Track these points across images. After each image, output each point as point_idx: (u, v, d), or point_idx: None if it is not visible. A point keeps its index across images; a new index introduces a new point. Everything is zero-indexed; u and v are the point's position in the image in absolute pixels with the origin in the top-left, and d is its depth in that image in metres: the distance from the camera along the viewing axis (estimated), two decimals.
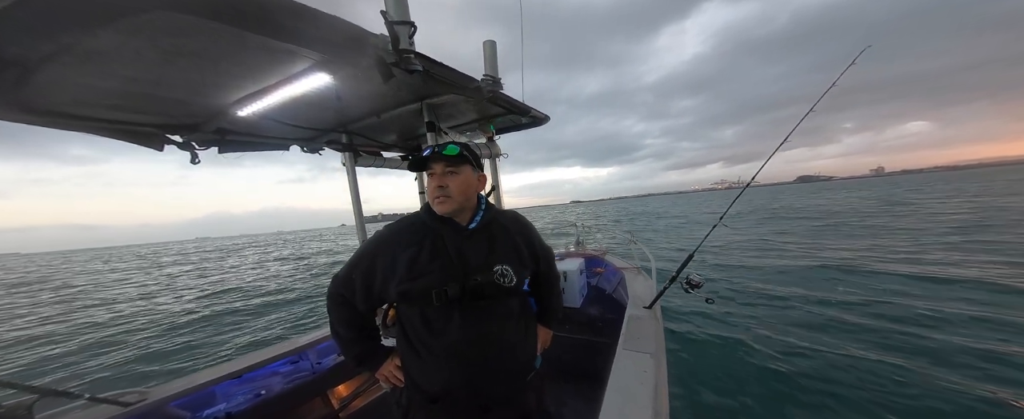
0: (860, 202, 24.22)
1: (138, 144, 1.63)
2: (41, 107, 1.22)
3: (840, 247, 8.92)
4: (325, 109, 1.73)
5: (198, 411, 1.79)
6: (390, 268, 1.07)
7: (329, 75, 1.28)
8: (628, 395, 1.18)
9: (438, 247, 1.08)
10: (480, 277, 1.06)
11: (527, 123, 2.39)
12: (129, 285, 14.64)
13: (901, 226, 11.65)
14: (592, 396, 1.20)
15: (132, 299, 10.89)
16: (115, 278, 18.35)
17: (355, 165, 2.30)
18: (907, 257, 7.18)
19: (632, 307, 2.08)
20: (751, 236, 12.16)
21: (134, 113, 1.44)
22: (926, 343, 3.57)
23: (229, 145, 1.89)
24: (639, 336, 1.65)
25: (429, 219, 1.12)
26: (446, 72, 1.37)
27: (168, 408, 1.66)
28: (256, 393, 1.99)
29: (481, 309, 1.07)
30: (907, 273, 6.02)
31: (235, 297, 9.74)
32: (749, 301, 5.37)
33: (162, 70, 1.11)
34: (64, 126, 1.36)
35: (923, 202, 20.64)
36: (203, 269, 19.13)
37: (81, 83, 1.11)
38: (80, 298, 12.07)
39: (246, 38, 0.96)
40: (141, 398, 1.57)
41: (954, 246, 7.79)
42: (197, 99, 1.40)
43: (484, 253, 1.11)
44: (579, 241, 4.41)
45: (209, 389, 1.83)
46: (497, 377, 1.09)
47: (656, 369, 1.35)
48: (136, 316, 8.28)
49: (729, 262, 8.04)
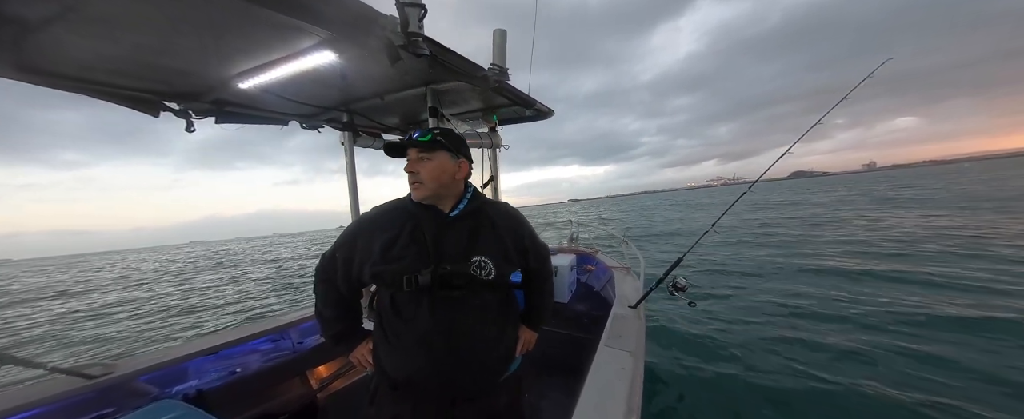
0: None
1: (134, 109, 1.60)
2: (40, 67, 1.20)
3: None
4: (328, 87, 1.71)
5: (167, 386, 1.72)
6: (367, 250, 1.07)
7: (335, 53, 1.26)
8: (605, 390, 1.21)
9: (416, 233, 1.07)
10: (453, 266, 1.04)
11: (531, 116, 2.38)
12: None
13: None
14: (572, 390, 1.22)
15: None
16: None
17: (354, 145, 2.29)
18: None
19: (618, 306, 2.11)
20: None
21: (134, 79, 1.42)
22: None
23: (227, 116, 1.86)
24: (621, 334, 1.68)
25: (411, 205, 1.11)
26: (453, 58, 1.36)
27: (135, 383, 1.59)
28: (231, 370, 1.95)
29: (454, 299, 1.05)
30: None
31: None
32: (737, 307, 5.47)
33: (168, 38, 1.09)
34: (61, 87, 1.33)
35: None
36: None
37: (84, 46, 1.09)
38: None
39: (255, 11, 0.95)
40: (107, 371, 1.51)
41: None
42: (199, 69, 1.38)
43: (463, 243, 1.08)
44: (573, 238, 4.44)
45: (181, 364, 1.76)
46: (465, 371, 1.06)
47: (634, 367, 1.37)
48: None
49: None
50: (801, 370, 3.31)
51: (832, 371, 3.22)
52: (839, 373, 3.17)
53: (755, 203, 26.32)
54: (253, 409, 1.95)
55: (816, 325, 4.31)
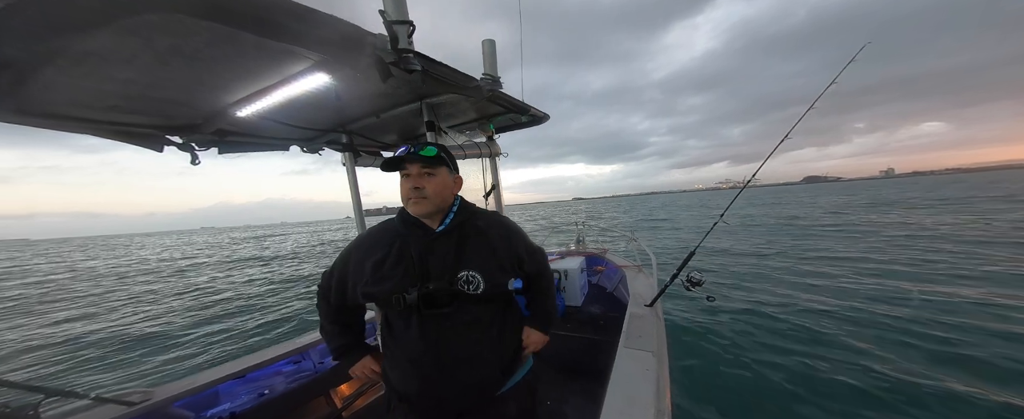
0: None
1: (138, 145, 1.63)
2: (39, 109, 1.22)
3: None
4: (324, 109, 1.73)
5: (202, 411, 1.80)
6: (359, 271, 1.11)
7: (328, 75, 1.27)
8: (630, 393, 1.18)
9: (403, 252, 1.09)
10: (436, 284, 1.04)
11: (527, 121, 2.38)
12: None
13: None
14: (594, 394, 1.20)
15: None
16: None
17: (355, 165, 2.30)
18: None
19: (633, 305, 2.08)
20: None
21: (132, 114, 1.44)
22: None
23: (229, 146, 1.88)
24: (640, 334, 1.65)
25: (400, 223, 1.14)
26: (445, 71, 1.37)
27: (172, 409, 1.66)
28: (259, 393, 1.99)
29: (441, 317, 1.04)
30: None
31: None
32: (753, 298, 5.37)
33: (159, 72, 1.10)
34: (63, 128, 1.36)
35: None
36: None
37: (78, 85, 1.11)
38: None
39: (243, 39, 0.96)
40: (145, 398, 1.58)
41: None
42: (195, 100, 1.40)
43: (450, 258, 1.08)
44: (580, 240, 4.41)
45: (213, 389, 1.84)
46: (455, 388, 1.06)
47: (659, 368, 1.34)
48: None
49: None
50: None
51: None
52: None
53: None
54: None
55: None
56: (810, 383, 3.04)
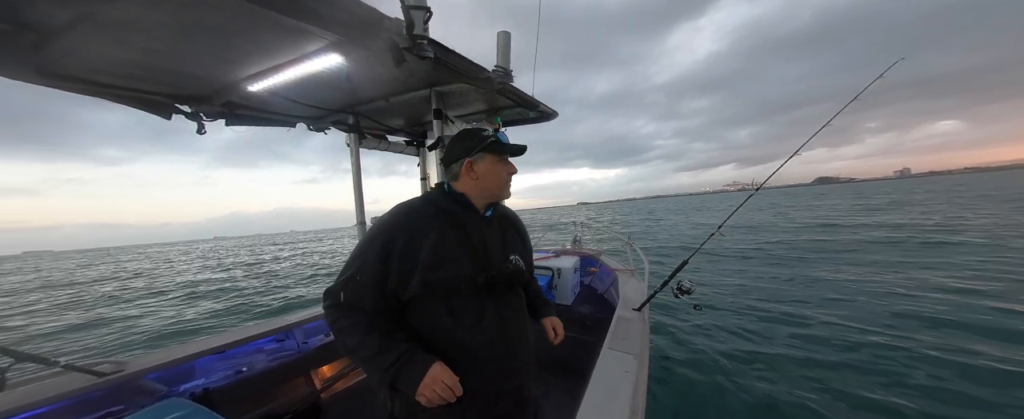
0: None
1: (147, 111, 1.64)
2: (58, 71, 1.24)
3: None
4: (335, 89, 1.74)
5: (175, 385, 1.75)
6: (409, 255, 0.93)
7: (341, 56, 1.29)
8: (609, 393, 1.20)
9: (461, 234, 1.01)
10: (501, 266, 1.04)
11: (535, 117, 2.39)
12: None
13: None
14: (575, 393, 1.22)
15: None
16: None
17: (359, 147, 2.31)
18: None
19: (622, 308, 2.10)
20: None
21: (147, 83, 1.45)
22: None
23: (237, 119, 1.89)
24: (625, 337, 1.67)
25: (449, 203, 1.04)
26: (458, 60, 1.38)
27: (144, 381, 1.61)
28: (237, 370, 1.96)
29: (509, 298, 1.06)
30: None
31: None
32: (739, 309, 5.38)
33: (180, 43, 1.12)
34: (78, 90, 1.37)
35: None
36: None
37: (99, 51, 1.12)
38: None
39: (264, 15, 0.97)
40: (117, 369, 1.54)
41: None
42: (211, 72, 1.41)
43: (499, 243, 1.10)
44: (576, 240, 4.43)
45: (189, 363, 1.78)
46: (524, 369, 1.08)
47: (638, 369, 1.37)
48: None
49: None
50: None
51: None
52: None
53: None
54: (258, 408, 1.97)
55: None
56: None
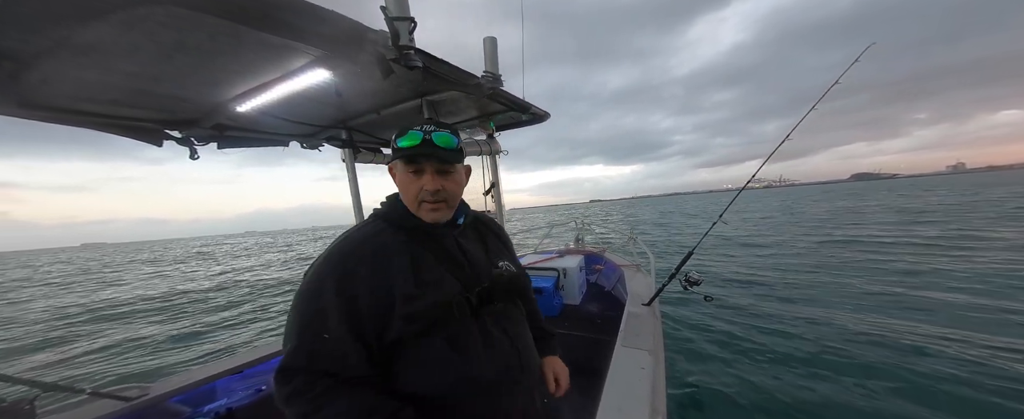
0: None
1: (137, 139, 1.63)
2: (38, 102, 1.22)
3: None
4: (324, 105, 1.73)
5: (199, 406, 1.80)
6: (379, 289, 0.77)
7: (328, 71, 1.27)
8: (626, 391, 1.18)
9: (436, 248, 0.88)
10: (498, 274, 0.93)
11: (527, 120, 2.39)
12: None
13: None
14: (591, 392, 1.20)
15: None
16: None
17: (355, 162, 2.30)
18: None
19: (631, 304, 2.09)
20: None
21: (133, 108, 1.44)
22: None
23: (228, 141, 1.88)
24: (638, 333, 1.65)
25: (408, 218, 0.88)
26: (446, 68, 1.37)
27: (168, 404, 1.67)
28: (257, 388, 1.99)
29: (509, 311, 0.93)
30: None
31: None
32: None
33: (160, 65, 1.10)
34: (63, 121, 1.35)
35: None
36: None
37: (78, 78, 1.10)
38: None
39: (245, 33, 0.96)
40: (142, 393, 1.59)
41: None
42: (196, 94, 1.40)
43: (482, 250, 0.98)
44: (579, 238, 4.42)
45: (210, 384, 1.84)
46: (532, 387, 0.97)
47: (654, 366, 1.35)
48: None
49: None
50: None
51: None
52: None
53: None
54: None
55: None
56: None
